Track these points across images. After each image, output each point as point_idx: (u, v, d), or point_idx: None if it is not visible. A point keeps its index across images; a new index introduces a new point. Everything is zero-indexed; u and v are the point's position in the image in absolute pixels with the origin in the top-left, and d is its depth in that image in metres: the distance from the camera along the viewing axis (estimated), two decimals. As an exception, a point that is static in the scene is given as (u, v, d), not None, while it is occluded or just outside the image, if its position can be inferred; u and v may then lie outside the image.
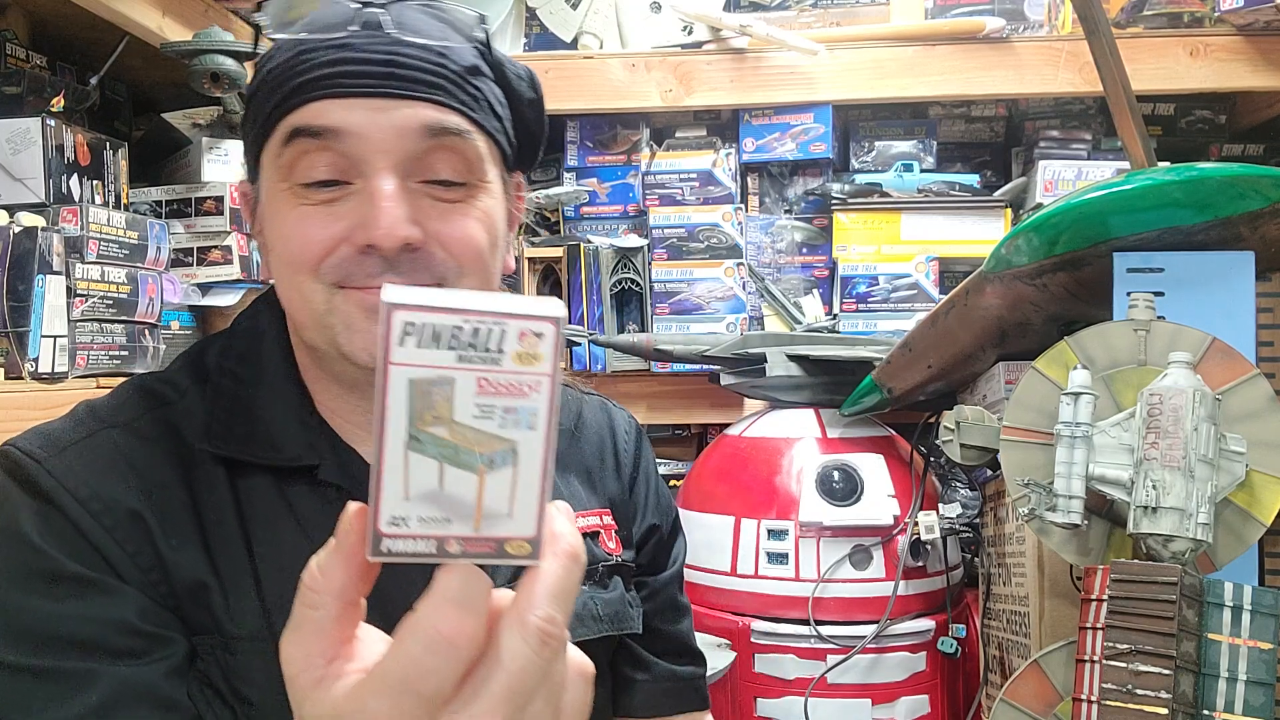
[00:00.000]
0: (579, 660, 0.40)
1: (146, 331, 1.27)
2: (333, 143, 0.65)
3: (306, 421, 0.72)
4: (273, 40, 0.68)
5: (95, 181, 1.25)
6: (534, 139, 0.77)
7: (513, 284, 1.77)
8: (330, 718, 0.36)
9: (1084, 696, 0.79)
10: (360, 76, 0.65)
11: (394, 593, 0.45)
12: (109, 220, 1.20)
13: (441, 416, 0.36)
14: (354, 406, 0.74)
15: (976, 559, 1.36)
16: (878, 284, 1.73)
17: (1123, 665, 0.77)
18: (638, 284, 1.79)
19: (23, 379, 1.06)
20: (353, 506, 0.37)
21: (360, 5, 0.66)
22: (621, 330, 1.81)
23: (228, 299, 1.42)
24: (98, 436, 0.68)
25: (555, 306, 0.36)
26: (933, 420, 1.35)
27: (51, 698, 0.60)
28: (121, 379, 1.20)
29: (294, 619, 0.37)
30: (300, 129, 0.65)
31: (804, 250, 1.82)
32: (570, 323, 1.80)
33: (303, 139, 0.65)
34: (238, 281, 1.41)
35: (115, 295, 1.20)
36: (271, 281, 0.73)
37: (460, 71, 0.68)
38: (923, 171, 1.78)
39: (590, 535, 0.83)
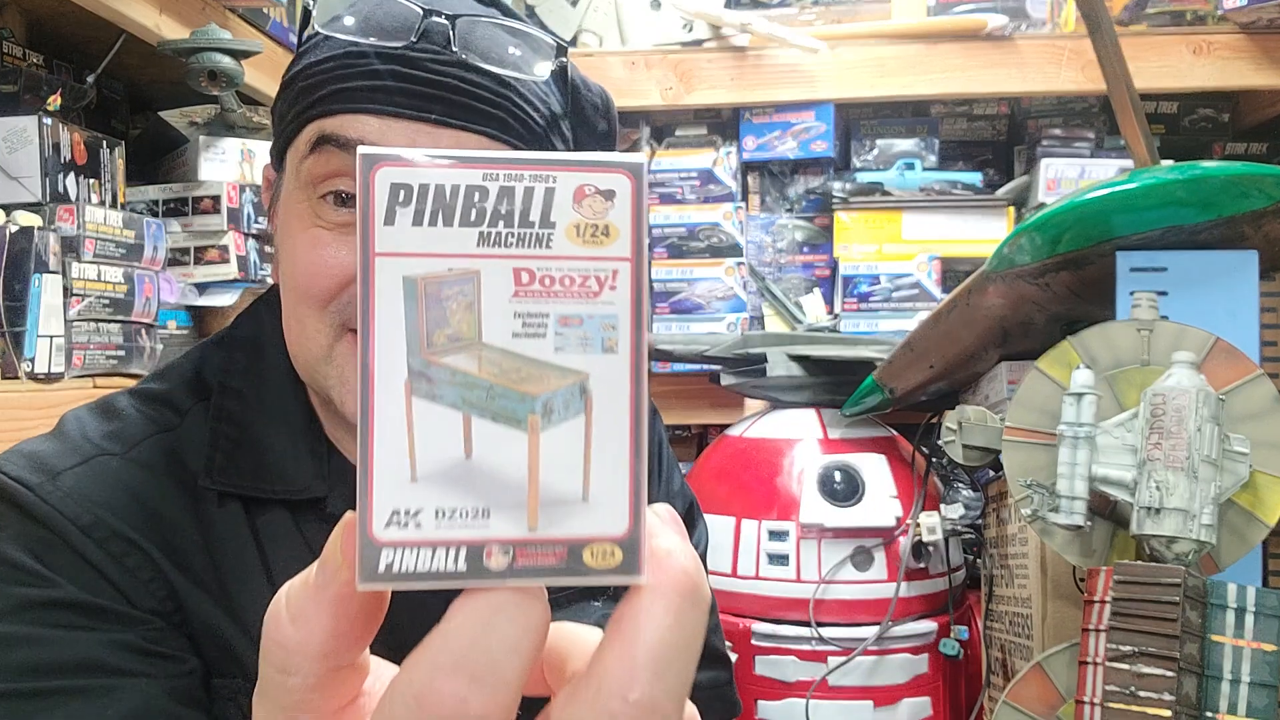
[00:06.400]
0: None
1: (143, 331, 1.26)
2: None
3: (315, 449, 0.67)
4: (324, 33, 0.60)
5: (92, 180, 1.24)
6: None
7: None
8: None
9: (1087, 699, 0.79)
10: (403, 95, 0.59)
11: (403, 619, 0.34)
12: (105, 219, 1.19)
13: (461, 337, 0.23)
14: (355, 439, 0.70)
15: (979, 560, 1.36)
16: (879, 283, 1.72)
17: (1126, 667, 0.76)
18: (638, 283, 1.78)
19: (19, 379, 1.05)
20: (346, 517, 0.24)
21: (424, 12, 0.59)
22: (622, 330, 1.81)
23: (225, 299, 1.41)
24: (95, 463, 0.62)
25: (631, 156, 0.24)
26: (935, 421, 1.34)
27: (70, 714, 0.55)
28: (119, 379, 1.20)
29: (260, 683, 0.25)
30: (328, 137, 0.59)
31: (805, 249, 1.81)
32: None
33: (329, 147, 0.59)
34: (235, 281, 1.41)
35: (112, 295, 1.19)
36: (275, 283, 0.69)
37: (525, 102, 0.62)
38: (925, 170, 1.77)
39: None
